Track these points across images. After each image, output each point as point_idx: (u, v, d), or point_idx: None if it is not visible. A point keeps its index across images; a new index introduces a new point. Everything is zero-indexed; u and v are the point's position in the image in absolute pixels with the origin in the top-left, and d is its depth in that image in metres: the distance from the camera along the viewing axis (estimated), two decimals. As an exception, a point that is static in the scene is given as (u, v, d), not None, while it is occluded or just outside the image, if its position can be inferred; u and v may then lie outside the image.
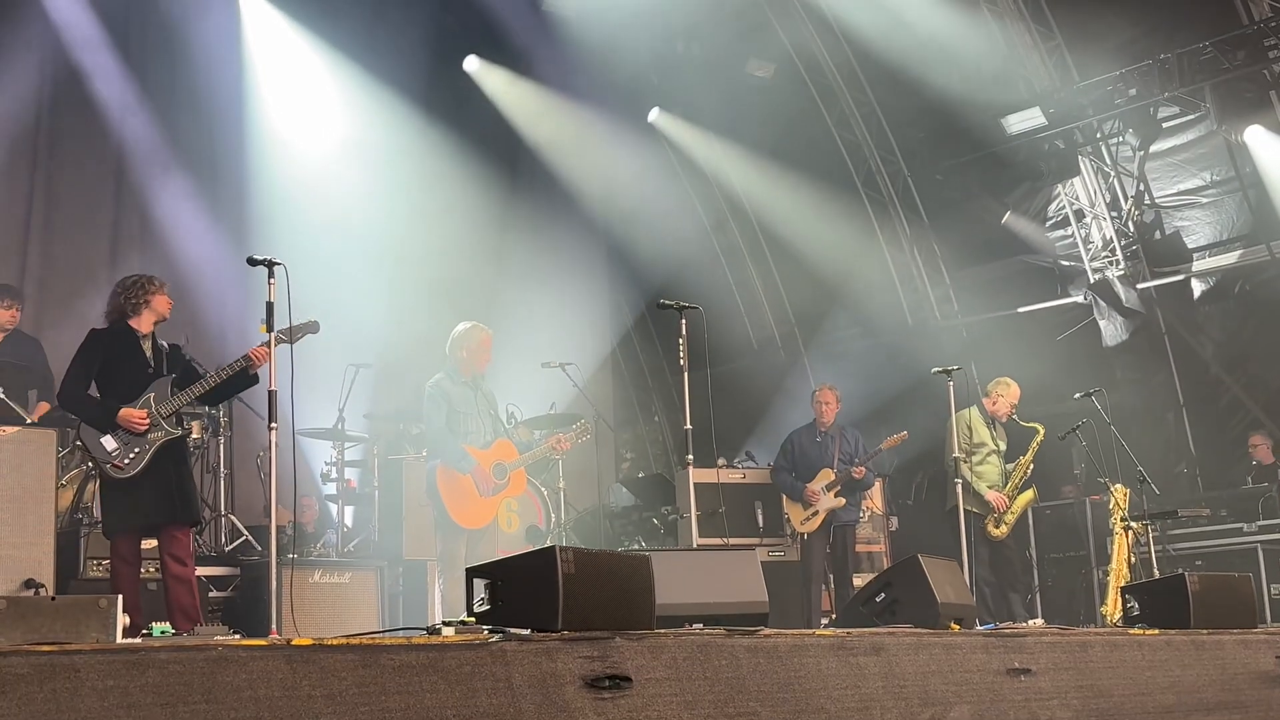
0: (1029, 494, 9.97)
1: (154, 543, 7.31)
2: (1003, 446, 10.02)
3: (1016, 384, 10.07)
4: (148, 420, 6.87)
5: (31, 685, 3.41)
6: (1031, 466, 9.94)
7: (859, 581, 9.84)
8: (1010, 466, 9.96)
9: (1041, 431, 9.95)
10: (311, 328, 6.97)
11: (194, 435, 8.83)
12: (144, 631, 5.80)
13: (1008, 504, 9.80)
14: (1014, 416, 9.98)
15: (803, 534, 10.12)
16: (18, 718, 3.37)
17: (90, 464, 7.57)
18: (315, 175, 12.14)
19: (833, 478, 10.02)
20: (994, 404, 9.98)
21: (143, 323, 7.10)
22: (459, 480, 8.16)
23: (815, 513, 10.02)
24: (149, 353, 7.11)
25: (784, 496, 10.54)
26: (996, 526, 9.80)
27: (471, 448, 8.26)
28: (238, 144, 11.83)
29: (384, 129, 12.54)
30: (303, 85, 12.33)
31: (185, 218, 11.12)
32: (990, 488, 9.80)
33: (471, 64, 13.77)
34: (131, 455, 6.85)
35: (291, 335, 6.84)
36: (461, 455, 8.18)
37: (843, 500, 10.00)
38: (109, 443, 6.85)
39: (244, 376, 7.15)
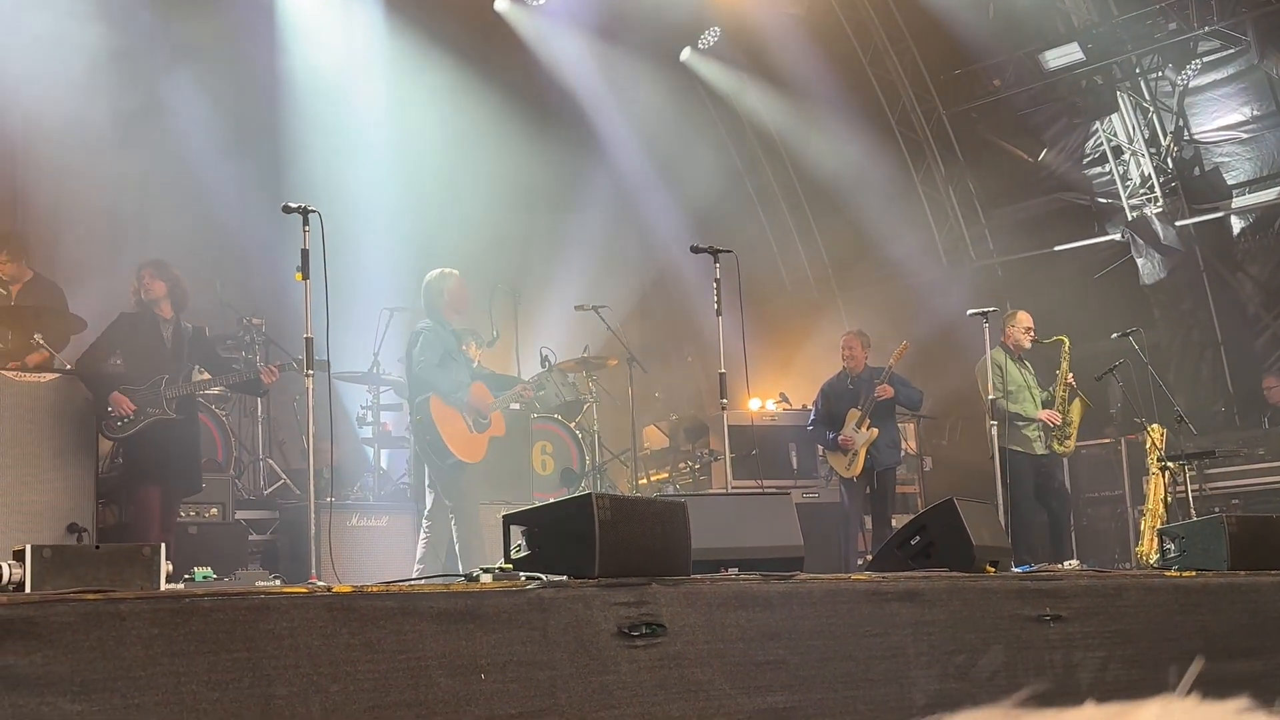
0: (1079, 403, 9.76)
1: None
2: (1034, 379, 9.89)
3: (1022, 310, 9.94)
4: (134, 410, 7.53)
5: (78, 633, 3.43)
6: (1072, 375, 9.74)
7: (896, 523, 9.83)
8: (1051, 388, 9.79)
9: (1066, 341, 9.75)
10: (321, 366, 7.35)
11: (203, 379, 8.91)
12: (186, 576, 5.87)
13: (1060, 418, 9.68)
14: (1036, 341, 9.83)
15: (850, 478, 10.12)
16: (64, 666, 3.39)
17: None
18: (348, 120, 12.14)
19: (858, 415, 10.02)
20: (1012, 340, 9.78)
21: (161, 308, 7.76)
22: (453, 413, 8.18)
23: (855, 455, 10.02)
24: (168, 337, 7.76)
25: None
26: (1061, 443, 9.72)
27: None
28: (271, 90, 11.81)
29: (415, 72, 12.49)
30: (334, 30, 12.27)
31: (219, 165, 11.12)
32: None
33: (502, 4, 13.67)
34: (123, 420, 7.55)
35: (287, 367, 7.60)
36: (456, 385, 8.20)
37: (876, 431, 9.98)
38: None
39: (251, 385, 8.04)
